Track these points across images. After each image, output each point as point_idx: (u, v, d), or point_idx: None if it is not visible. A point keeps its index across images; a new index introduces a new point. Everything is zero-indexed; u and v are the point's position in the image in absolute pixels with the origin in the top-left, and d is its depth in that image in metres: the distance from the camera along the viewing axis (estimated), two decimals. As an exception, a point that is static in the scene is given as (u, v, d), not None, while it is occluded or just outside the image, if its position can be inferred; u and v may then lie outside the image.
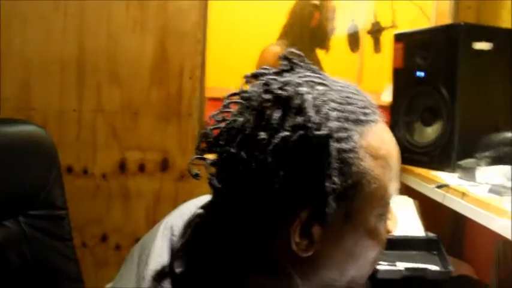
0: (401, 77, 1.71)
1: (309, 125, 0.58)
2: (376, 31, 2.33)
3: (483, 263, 1.81)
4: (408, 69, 1.66)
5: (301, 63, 0.67)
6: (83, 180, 1.95)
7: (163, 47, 1.95)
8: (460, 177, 1.46)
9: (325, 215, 0.59)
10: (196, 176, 0.66)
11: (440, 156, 1.56)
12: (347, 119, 0.61)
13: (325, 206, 0.59)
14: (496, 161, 1.44)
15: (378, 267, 1.37)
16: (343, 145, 0.60)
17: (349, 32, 2.38)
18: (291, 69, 0.66)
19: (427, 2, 2.24)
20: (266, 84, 0.63)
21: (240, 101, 0.64)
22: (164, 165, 1.98)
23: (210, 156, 0.66)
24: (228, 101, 0.66)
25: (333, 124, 0.59)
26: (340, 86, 0.65)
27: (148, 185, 1.98)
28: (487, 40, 1.53)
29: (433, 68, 1.58)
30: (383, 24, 2.28)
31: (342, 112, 0.61)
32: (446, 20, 2.19)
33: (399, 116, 1.70)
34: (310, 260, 0.63)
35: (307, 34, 2.26)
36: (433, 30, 1.72)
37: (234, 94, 0.66)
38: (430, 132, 1.63)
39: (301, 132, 0.58)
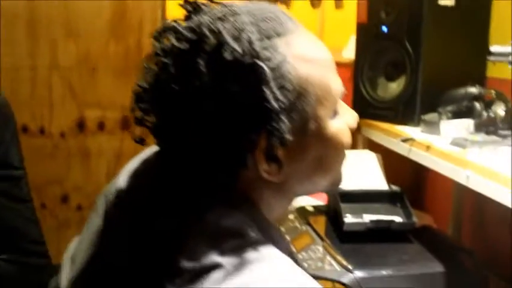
0: (365, 33, 1.70)
1: (236, 55, 0.58)
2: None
3: (442, 213, 1.87)
4: (372, 24, 1.65)
5: (205, 2, 0.65)
6: (40, 140, 1.88)
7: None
8: (424, 131, 1.48)
9: (282, 134, 0.59)
10: (141, 141, 0.66)
11: (404, 111, 1.58)
12: (268, 36, 0.61)
13: (279, 125, 0.59)
14: (458, 115, 1.47)
15: (344, 219, 1.39)
16: (274, 61, 0.59)
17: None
18: (196, 12, 0.64)
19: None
20: (176, 32, 0.61)
21: (161, 59, 0.62)
22: (125, 123, 1.92)
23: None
24: (145, 64, 0.64)
25: (257, 46, 0.59)
26: (250, 8, 0.64)
27: (108, 144, 1.93)
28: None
29: (397, 24, 1.58)
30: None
31: (261, 32, 0.60)
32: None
33: (363, 72, 1.70)
34: (281, 182, 0.64)
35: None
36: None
37: (152, 56, 0.63)
38: (394, 87, 1.64)
39: (230, 66, 0.58)
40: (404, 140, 1.41)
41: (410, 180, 1.80)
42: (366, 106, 1.67)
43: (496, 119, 1.40)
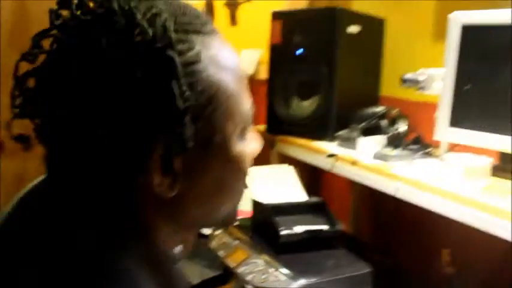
0: (278, 53, 1.81)
1: (147, 39, 0.51)
2: (232, 4, 2.39)
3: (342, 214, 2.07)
4: (286, 46, 1.77)
5: None
6: None
7: (22, 6, 1.71)
8: (341, 146, 1.64)
9: (184, 142, 0.53)
10: (22, 139, 0.60)
11: (318, 127, 1.72)
12: (186, 31, 0.55)
13: (182, 129, 0.52)
14: (368, 131, 1.66)
15: (280, 232, 1.48)
16: (188, 57, 0.53)
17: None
18: None
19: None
20: (81, 5, 0.52)
21: (57, 35, 0.53)
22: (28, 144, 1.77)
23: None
24: (37, 39, 0.54)
25: (172, 35, 0.52)
26: (171, 0, 0.58)
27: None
28: (357, 24, 1.73)
29: (311, 47, 1.72)
30: (239, 0, 2.35)
31: (179, 23, 0.54)
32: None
33: (276, 91, 1.81)
34: (176, 199, 0.56)
35: None
36: (310, 11, 1.85)
37: (44, 31, 0.54)
38: (307, 105, 1.78)
39: (138, 50, 0.51)
40: (330, 156, 1.55)
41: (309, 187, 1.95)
42: (280, 123, 1.78)
43: (400, 135, 1.62)
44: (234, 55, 0.61)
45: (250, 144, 0.64)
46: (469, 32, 1.35)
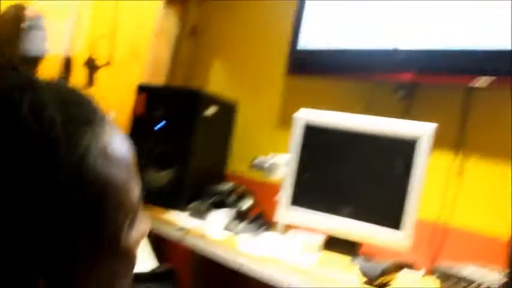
0: (140, 123, 1.91)
1: (30, 134, 0.47)
2: (92, 66, 2.43)
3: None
4: (148, 117, 1.89)
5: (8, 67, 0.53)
6: None
7: None
8: (192, 216, 1.76)
9: (71, 248, 0.48)
10: None
11: (172, 198, 1.83)
12: (75, 122, 0.50)
13: (65, 233, 0.47)
14: (217, 205, 1.82)
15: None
16: (75, 152, 0.49)
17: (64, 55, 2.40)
18: None
19: (143, 46, 2.51)
20: None
21: None
22: None
23: None
24: None
25: (59, 129, 0.48)
26: (58, 88, 0.54)
27: None
28: (214, 106, 1.92)
29: (171, 121, 1.86)
30: (99, 62, 2.41)
31: (67, 115, 0.50)
32: (160, 67, 2.50)
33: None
34: None
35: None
36: (175, 89, 2.01)
37: None
38: (163, 175, 1.88)
39: (20, 147, 0.46)
40: (180, 229, 1.65)
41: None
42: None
43: (245, 210, 1.81)
44: (124, 143, 0.57)
45: (140, 227, 0.59)
46: (311, 130, 1.62)
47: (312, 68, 1.89)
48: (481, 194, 1.55)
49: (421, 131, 1.45)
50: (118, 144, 0.55)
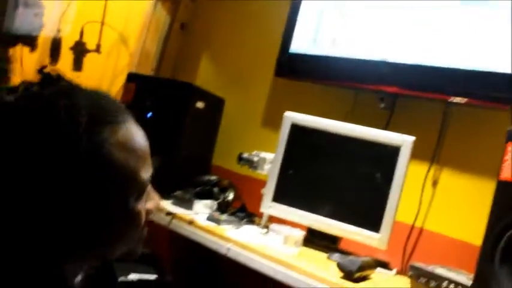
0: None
1: (63, 130, 0.65)
2: (81, 50, 2.43)
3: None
4: (137, 107, 1.91)
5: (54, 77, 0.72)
6: None
7: None
8: (176, 205, 1.81)
9: (89, 210, 0.67)
10: None
11: (157, 185, 1.86)
12: (99, 123, 0.68)
13: (84, 198, 0.67)
14: (202, 195, 1.87)
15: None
16: (95, 143, 0.67)
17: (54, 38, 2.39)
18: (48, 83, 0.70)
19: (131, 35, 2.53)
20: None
21: None
22: None
23: None
24: None
25: (85, 128, 0.66)
26: (91, 94, 0.72)
27: None
28: (203, 100, 1.98)
29: (161, 111, 1.90)
30: (88, 47, 2.41)
31: (93, 117, 0.67)
32: (148, 59, 2.53)
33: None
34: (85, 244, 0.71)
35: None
36: (166, 80, 2.05)
37: None
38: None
39: (56, 139, 0.65)
40: (168, 214, 1.70)
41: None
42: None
43: (228, 202, 1.87)
44: (138, 138, 0.76)
45: (147, 201, 0.80)
46: (297, 130, 1.70)
47: (301, 72, 1.96)
48: (453, 201, 1.66)
49: (404, 140, 1.54)
50: (131, 138, 0.74)
